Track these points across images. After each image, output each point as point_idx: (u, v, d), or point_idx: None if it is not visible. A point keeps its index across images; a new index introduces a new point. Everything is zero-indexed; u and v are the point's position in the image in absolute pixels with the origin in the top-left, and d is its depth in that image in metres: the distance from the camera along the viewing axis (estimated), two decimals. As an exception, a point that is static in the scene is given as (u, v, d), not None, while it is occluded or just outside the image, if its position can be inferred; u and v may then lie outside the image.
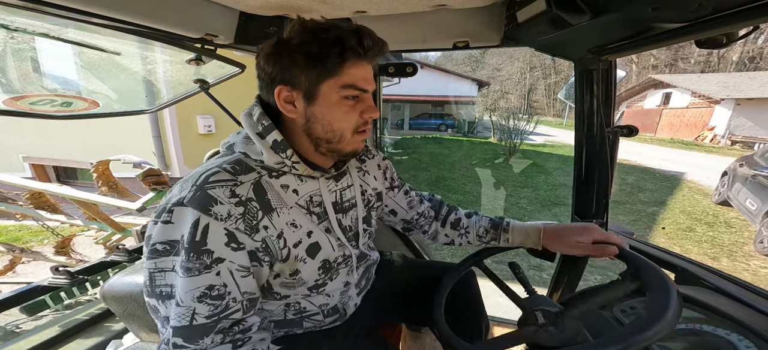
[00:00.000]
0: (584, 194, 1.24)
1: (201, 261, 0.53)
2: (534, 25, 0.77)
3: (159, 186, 1.85)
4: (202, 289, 0.53)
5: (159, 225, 0.54)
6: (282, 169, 0.64)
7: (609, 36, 0.78)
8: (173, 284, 0.54)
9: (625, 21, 0.67)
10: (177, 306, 0.54)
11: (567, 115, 38.83)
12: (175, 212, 0.54)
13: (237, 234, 0.55)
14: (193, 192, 0.54)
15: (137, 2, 0.77)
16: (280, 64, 0.59)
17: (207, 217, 0.53)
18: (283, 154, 0.62)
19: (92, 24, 0.79)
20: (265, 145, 0.61)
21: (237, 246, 0.56)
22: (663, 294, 0.61)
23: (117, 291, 0.82)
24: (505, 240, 0.91)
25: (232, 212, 0.55)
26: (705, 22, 0.57)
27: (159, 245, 0.54)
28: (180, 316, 0.54)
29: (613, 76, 1.04)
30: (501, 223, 0.92)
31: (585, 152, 1.20)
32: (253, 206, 0.58)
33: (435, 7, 0.96)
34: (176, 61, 1.44)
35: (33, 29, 1.08)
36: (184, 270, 0.53)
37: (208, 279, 0.54)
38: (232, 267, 0.56)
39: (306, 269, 0.67)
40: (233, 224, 0.55)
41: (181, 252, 0.53)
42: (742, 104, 14.74)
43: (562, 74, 43.32)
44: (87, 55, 1.39)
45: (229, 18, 1.06)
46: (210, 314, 0.55)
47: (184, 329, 0.54)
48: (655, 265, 0.68)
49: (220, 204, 0.54)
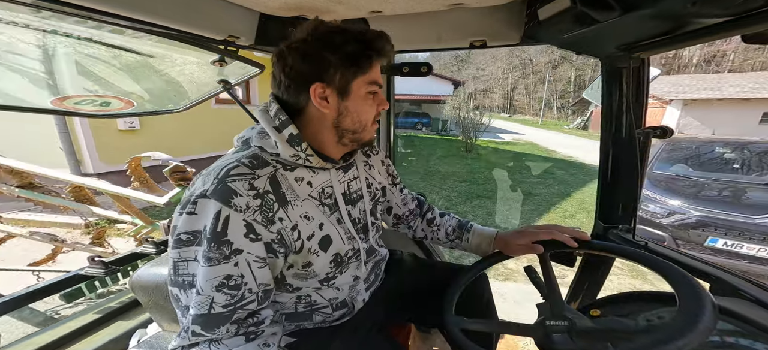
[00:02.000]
0: (609, 199, 1.18)
1: (221, 252, 0.56)
2: (556, 23, 0.73)
3: (184, 182, 1.94)
4: (220, 279, 0.56)
5: (184, 216, 0.57)
6: (296, 161, 0.67)
7: (641, 32, 0.73)
8: (194, 273, 0.57)
9: (660, 17, 0.62)
10: (197, 294, 0.57)
11: (543, 114, 40.12)
12: (198, 204, 0.57)
13: (255, 225, 0.58)
14: (215, 185, 0.57)
15: (168, 7, 0.81)
16: (316, 63, 0.63)
17: (228, 209, 0.56)
18: (297, 147, 0.65)
19: (128, 27, 0.85)
20: (281, 138, 0.64)
21: (255, 238, 0.59)
22: (695, 303, 0.57)
23: (144, 281, 0.86)
24: (466, 240, 0.99)
25: (251, 204, 0.58)
26: (754, 16, 0.52)
27: (183, 235, 0.57)
28: (199, 304, 0.57)
29: (645, 75, 0.97)
30: (465, 225, 1.01)
31: (612, 154, 1.14)
32: (269, 198, 0.61)
33: (451, 6, 0.93)
34: (202, 62, 1.50)
35: (78, 34, 1.16)
36: (206, 260, 0.56)
37: (226, 270, 0.57)
38: (250, 258, 0.59)
39: (318, 262, 0.70)
40: (251, 215, 0.58)
41: (204, 242, 0.56)
42: (689, 104, 16.17)
43: (538, 74, 44.27)
44: (124, 58, 1.48)
45: (250, 20, 1.08)
46: (226, 303, 0.57)
47: (202, 317, 0.57)
48: (688, 274, 0.65)
49: (239, 196, 0.57)
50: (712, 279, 0.87)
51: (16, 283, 2.32)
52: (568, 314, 0.72)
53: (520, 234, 0.91)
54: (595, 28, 0.68)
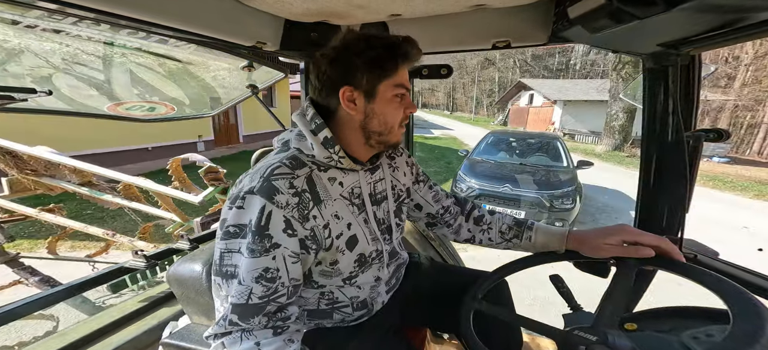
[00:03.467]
0: (652, 206, 1.07)
1: (262, 245, 0.60)
2: (589, 21, 0.67)
3: (216, 182, 2.06)
4: (260, 270, 0.60)
5: (233, 210, 0.62)
6: (329, 163, 0.71)
7: (690, 28, 0.66)
8: (237, 264, 0.61)
9: (713, 10, 0.55)
10: (239, 284, 0.60)
11: (476, 111, 44.63)
12: (246, 199, 0.62)
13: (292, 221, 0.63)
14: (261, 182, 0.62)
15: (203, 16, 0.87)
16: (344, 68, 0.68)
17: (271, 205, 0.61)
18: (331, 149, 0.69)
19: (170, 37, 0.91)
20: (316, 141, 0.69)
21: (291, 233, 0.63)
22: (753, 321, 0.51)
23: (179, 275, 0.92)
24: (527, 238, 0.89)
25: (290, 201, 0.63)
26: None
27: (231, 227, 0.62)
28: (240, 294, 0.61)
29: (695, 73, 0.88)
30: (525, 222, 0.92)
31: (656, 159, 1.04)
32: (306, 197, 0.65)
33: (473, 7, 0.90)
34: (232, 68, 1.58)
35: (130, 44, 1.27)
36: (249, 252, 0.60)
37: (265, 262, 0.61)
38: (286, 253, 0.62)
39: (343, 260, 0.73)
40: (290, 212, 0.62)
41: (248, 234, 0.60)
42: (568, 105, 19.98)
43: (471, 75, 47.30)
44: (167, 66, 1.60)
45: (276, 26, 1.12)
46: (262, 295, 0.61)
47: (241, 306, 0.61)
48: (744, 289, 0.58)
49: (281, 193, 0.62)
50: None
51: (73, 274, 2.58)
52: (601, 326, 0.66)
53: (606, 232, 0.78)
54: (634, 25, 0.62)
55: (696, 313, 0.78)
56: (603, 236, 0.78)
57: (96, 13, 0.69)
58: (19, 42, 1.13)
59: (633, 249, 0.73)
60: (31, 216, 2.52)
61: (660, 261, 0.72)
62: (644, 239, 0.74)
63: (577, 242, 0.83)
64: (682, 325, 0.72)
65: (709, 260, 0.94)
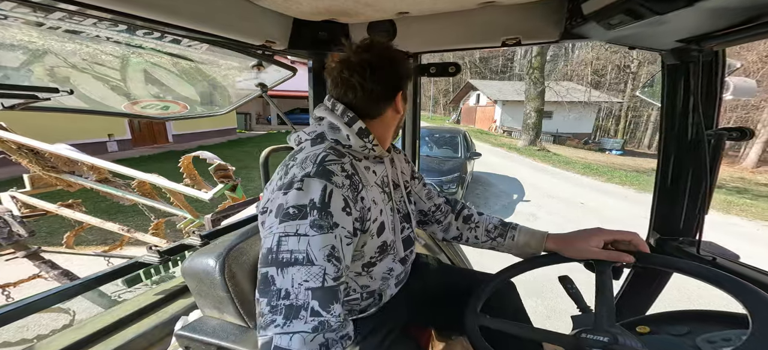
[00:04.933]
0: (669, 208, 1.04)
1: (327, 221, 0.61)
2: (605, 17, 0.65)
3: (226, 179, 2.09)
4: (328, 248, 0.60)
5: (292, 192, 0.62)
6: (363, 152, 0.76)
7: (713, 23, 0.63)
8: (294, 249, 0.58)
9: (740, 5, 0.52)
10: (312, 265, 0.57)
11: (433, 109, 45.70)
12: (305, 182, 0.63)
13: (348, 200, 0.66)
14: (316, 167, 0.65)
15: (212, 15, 0.88)
16: (397, 76, 0.76)
17: (331, 184, 0.63)
18: (366, 138, 0.74)
19: (184, 37, 0.95)
20: (352, 131, 0.73)
21: (349, 212, 0.65)
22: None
23: (194, 269, 0.93)
24: (510, 238, 0.94)
25: (344, 182, 0.66)
26: None
27: (291, 209, 0.61)
28: (315, 276, 0.57)
29: (719, 69, 0.84)
30: (510, 223, 0.97)
31: (674, 158, 1.00)
32: (356, 179, 0.70)
33: (481, 4, 0.89)
34: (242, 67, 1.60)
35: (145, 45, 1.30)
36: (317, 228, 0.60)
37: (331, 240, 0.61)
38: (343, 233, 0.63)
39: (370, 243, 0.75)
40: (346, 191, 0.66)
41: (312, 212, 0.60)
42: (506, 104, 22.32)
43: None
44: (181, 65, 1.62)
45: (285, 25, 1.12)
46: (335, 276, 0.60)
47: (320, 291, 0.57)
48: (764, 292, 0.56)
49: (337, 175, 0.66)
50: None
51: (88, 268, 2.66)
52: (612, 329, 0.65)
53: (589, 235, 0.81)
54: (653, 21, 0.59)
55: (714, 317, 0.75)
56: (583, 239, 0.81)
57: (114, 14, 0.71)
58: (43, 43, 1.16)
59: (615, 254, 0.77)
60: (52, 211, 2.62)
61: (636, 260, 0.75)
62: (620, 237, 0.79)
63: (557, 244, 0.87)
64: (699, 329, 0.70)
65: (729, 263, 0.91)
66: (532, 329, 0.73)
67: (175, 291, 1.28)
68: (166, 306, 1.21)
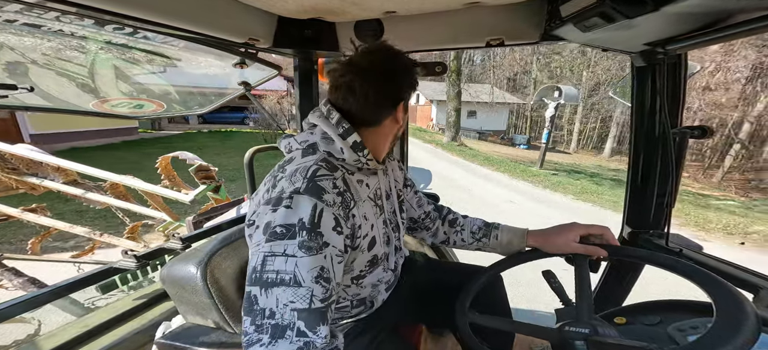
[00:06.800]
0: (640, 202, 1.11)
1: (317, 242, 0.59)
2: (580, 20, 0.69)
3: (208, 180, 2.03)
4: (318, 269, 0.58)
5: (280, 211, 0.60)
6: (357, 165, 0.73)
7: (677, 27, 0.68)
8: (279, 270, 0.57)
9: (700, 11, 0.57)
10: (299, 286, 0.56)
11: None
12: (294, 199, 0.61)
13: (339, 219, 0.63)
14: (306, 183, 0.62)
15: (193, 11, 0.85)
16: (399, 85, 0.73)
17: (321, 203, 0.61)
18: (360, 152, 0.71)
19: (157, 32, 0.91)
20: (346, 144, 0.69)
21: (340, 231, 0.63)
22: (735, 312, 0.54)
23: (173, 275, 0.90)
24: (494, 237, 0.96)
25: (335, 200, 0.64)
26: None
27: (279, 228, 0.59)
28: (301, 297, 0.56)
29: (681, 71, 0.90)
30: (493, 224, 0.99)
31: (643, 155, 1.07)
32: (347, 195, 0.67)
33: (467, 4, 0.91)
34: (224, 65, 1.56)
35: (115, 40, 1.24)
36: (306, 249, 0.58)
37: (321, 261, 0.59)
38: (334, 252, 0.61)
39: (360, 258, 0.74)
40: (337, 210, 0.63)
41: (301, 233, 0.58)
42: (440, 104, 22.97)
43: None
44: (156, 63, 1.56)
45: (269, 22, 1.10)
46: (323, 297, 0.58)
47: (305, 312, 0.56)
48: (727, 282, 0.61)
49: (328, 193, 0.63)
50: (757, 289, 0.80)
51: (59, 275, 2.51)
52: (592, 320, 0.69)
53: (565, 230, 0.84)
54: (623, 24, 0.64)
55: (683, 306, 0.81)
56: (561, 234, 0.84)
57: (85, 9, 0.67)
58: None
59: (592, 248, 0.81)
60: (14, 216, 2.45)
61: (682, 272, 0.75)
62: (592, 231, 0.83)
63: (537, 240, 0.90)
64: (669, 318, 0.75)
65: (693, 254, 0.98)
66: (520, 324, 0.76)
67: (155, 296, 1.22)
68: (146, 312, 1.16)
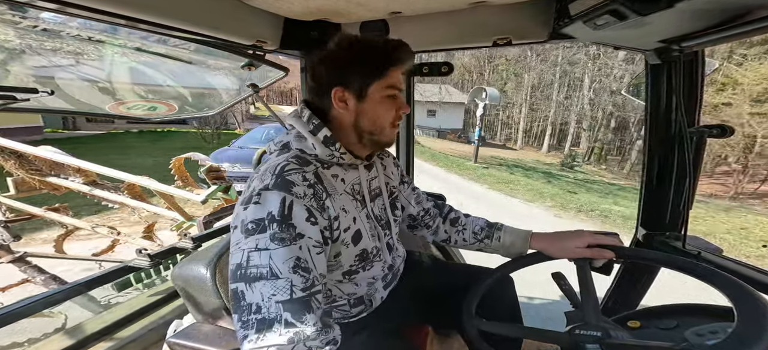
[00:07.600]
0: (655, 203, 1.07)
1: (289, 233, 0.59)
2: (590, 17, 0.66)
3: (219, 180, 2.07)
4: (293, 259, 0.58)
5: (250, 208, 0.61)
6: (331, 160, 0.73)
7: (693, 24, 0.65)
8: (259, 265, 0.57)
9: (717, 7, 0.55)
10: (276, 278, 0.57)
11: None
12: (262, 195, 0.61)
13: (312, 210, 0.64)
14: (274, 179, 0.63)
15: (204, 15, 0.87)
16: (338, 69, 0.71)
17: (290, 196, 0.61)
18: (332, 147, 0.71)
19: (170, 36, 0.94)
20: (316, 140, 0.71)
21: (314, 221, 0.64)
22: (758, 317, 0.51)
23: (184, 275, 0.92)
24: (497, 239, 0.94)
25: (306, 192, 0.64)
26: None
27: (250, 225, 0.60)
28: (282, 289, 0.57)
29: (699, 68, 0.87)
30: (495, 224, 0.97)
31: (659, 156, 1.03)
32: (319, 188, 0.67)
33: (473, 4, 0.90)
34: (233, 67, 1.59)
35: (130, 44, 1.28)
36: (278, 241, 0.58)
37: (295, 251, 0.59)
38: (310, 243, 0.62)
39: (346, 253, 0.74)
40: (309, 201, 0.64)
41: (272, 225, 0.59)
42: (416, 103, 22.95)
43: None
44: (168, 66, 1.60)
45: (276, 24, 1.11)
46: (303, 286, 0.58)
47: (287, 303, 0.56)
48: (749, 286, 0.58)
49: (297, 185, 0.63)
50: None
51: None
52: (603, 324, 0.66)
53: (573, 236, 0.84)
54: (636, 21, 0.61)
55: (702, 310, 0.78)
56: (569, 239, 0.83)
57: (97, 13, 0.69)
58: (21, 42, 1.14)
59: (597, 251, 0.80)
60: (38, 215, 2.55)
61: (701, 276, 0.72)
62: (604, 241, 0.82)
63: (540, 243, 0.88)
64: (687, 322, 0.73)
65: (712, 257, 0.94)
66: (529, 329, 0.74)
67: (167, 295, 1.26)
68: (158, 310, 1.19)
